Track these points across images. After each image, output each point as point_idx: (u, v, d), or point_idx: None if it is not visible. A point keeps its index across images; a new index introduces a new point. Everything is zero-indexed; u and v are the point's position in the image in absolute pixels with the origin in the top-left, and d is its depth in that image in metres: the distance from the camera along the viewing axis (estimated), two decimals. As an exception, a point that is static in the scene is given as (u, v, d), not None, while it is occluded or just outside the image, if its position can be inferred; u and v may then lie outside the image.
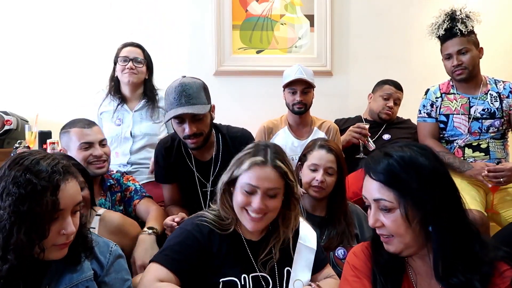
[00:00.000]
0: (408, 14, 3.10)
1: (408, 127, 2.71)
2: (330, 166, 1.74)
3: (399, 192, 0.99)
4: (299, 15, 3.07)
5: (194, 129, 1.74)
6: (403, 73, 2.97)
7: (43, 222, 0.93)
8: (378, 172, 1.03)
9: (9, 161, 0.97)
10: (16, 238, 0.90)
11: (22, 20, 2.97)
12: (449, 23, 2.23)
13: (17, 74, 2.97)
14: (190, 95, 1.72)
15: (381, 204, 1.02)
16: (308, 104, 2.44)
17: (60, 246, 0.98)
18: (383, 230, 1.04)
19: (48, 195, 0.92)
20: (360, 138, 2.47)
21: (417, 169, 1.00)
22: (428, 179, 0.99)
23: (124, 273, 1.16)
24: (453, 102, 2.31)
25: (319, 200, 1.78)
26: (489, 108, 2.25)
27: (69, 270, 1.04)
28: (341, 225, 1.72)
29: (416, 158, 1.02)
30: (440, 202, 0.98)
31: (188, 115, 1.73)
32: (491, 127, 2.25)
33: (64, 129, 1.86)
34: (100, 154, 1.79)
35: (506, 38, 3.12)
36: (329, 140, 1.98)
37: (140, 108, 2.41)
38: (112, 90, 2.44)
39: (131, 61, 2.36)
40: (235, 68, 3.04)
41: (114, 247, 1.16)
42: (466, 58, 2.22)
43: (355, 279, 1.10)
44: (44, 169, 0.94)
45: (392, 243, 1.03)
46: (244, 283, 1.25)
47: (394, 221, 1.00)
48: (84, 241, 1.07)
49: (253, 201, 1.24)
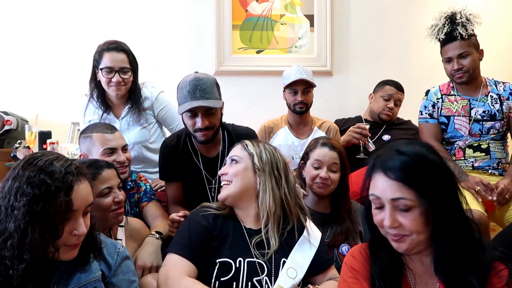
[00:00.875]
0: (408, 14, 3.11)
1: (409, 128, 2.72)
2: (334, 162, 1.75)
3: (419, 190, 0.98)
4: (299, 15, 3.08)
5: (207, 122, 1.78)
6: (403, 73, 2.98)
7: (57, 222, 0.94)
8: (395, 170, 1.00)
9: (22, 161, 0.98)
10: (31, 238, 0.91)
11: (22, 21, 2.96)
12: (449, 26, 2.22)
13: (17, 74, 2.96)
14: (205, 90, 1.76)
15: (400, 203, 0.99)
16: (309, 103, 2.47)
17: (71, 246, 1.00)
18: (400, 230, 1.00)
19: (62, 196, 0.94)
20: (360, 139, 2.48)
21: (429, 165, 1.00)
22: (439, 176, 1.00)
23: (131, 275, 1.16)
24: (453, 104, 2.32)
25: (323, 197, 1.78)
26: (490, 110, 2.26)
27: (77, 270, 1.05)
28: (346, 222, 1.73)
29: (427, 155, 1.01)
30: (448, 200, 0.99)
31: (202, 108, 1.76)
32: (491, 129, 2.25)
33: (85, 133, 1.81)
34: (123, 160, 1.78)
35: (506, 39, 3.13)
36: (331, 138, 1.99)
37: (125, 115, 2.25)
38: (94, 95, 2.23)
39: (117, 73, 2.10)
40: (235, 68, 3.05)
41: (121, 248, 1.17)
42: (467, 62, 2.21)
43: (353, 281, 1.10)
44: (57, 170, 0.96)
45: (405, 242, 1.01)
46: (238, 266, 1.31)
47: (414, 220, 0.98)
48: (94, 241, 1.08)
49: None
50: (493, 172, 2.25)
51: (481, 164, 2.26)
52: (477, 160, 2.27)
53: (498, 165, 2.27)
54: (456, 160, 2.30)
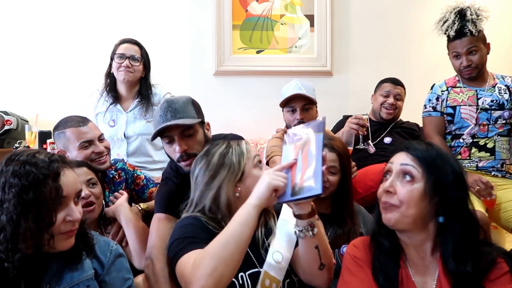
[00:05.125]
0: (408, 14, 3.10)
1: (412, 132, 2.65)
2: (332, 165, 1.71)
3: (428, 170, 1.06)
4: (299, 15, 3.08)
5: (185, 146, 1.52)
6: (403, 73, 2.95)
7: (49, 209, 0.95)
8: (416, 149, 1.10)
9: (4, 159, 0.99)
10: (24, 227, 0.92)
11: (22, 21, 2.97)
12: (459, 23, 2.20)
13: (17, 74, 2.97)
14: (176, 109, 1.54)
15: (407, 171, 1.07)
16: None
17: (67, 234, 1.00)
18: (392, 198, 1.08)
19: (50, 182, 0.95)
20: (358, 129, 2.24)
21: (451, 164, 1.09)
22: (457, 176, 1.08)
23: (125, 272, 1.16)
24: (459, 95, 2.31)
25: (323, 198, 1.76)
26: (498, 99, 2.25)
27: (69, 269, 1.05)
28: (348, 224, 1.70)
29: (451, 157, 1.12)
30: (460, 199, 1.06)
31: (176, 131, 1.52)
32: (499, 118, 2.25)
33: (58, 129, 1.77)
34: (102, 150, 1.75)
35: (508, 37, 3.12)
36: (334, 139, 1.91)
37: (133, 108, 2.36)
38: (107, 86, 2.38)
39: (127, 59, 2.29)
40: (235, 68, 3.05)
41: (114, 246, 1.16)
42: (476, 58, 2.21)
43: (357, 268, 1.13)
44: (41, 160, 0.97)
45: (392, 212, 1.07)
46: (242, 282, 1.23)
47: (410, 191, 1.06)
48: (85, 237, 1.08)
49: None
50: (496, 174, 2.25)
51: (485, 164, 2.25)
52: (482, 160, 2.26)
53: (502, 166, 2.26)
54: (461, 159, 2.28)
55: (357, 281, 1.11)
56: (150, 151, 2.37)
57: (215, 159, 1.33)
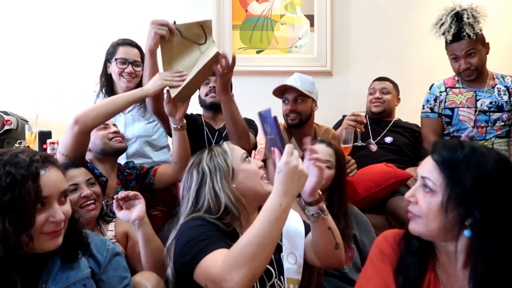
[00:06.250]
0: (408, 14, 3.10)
1: (413, 131, 2.66)
2: (328, 159, 1.71)
3: (449, 180, 0.96)
4: (299, 15, 3.08)
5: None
6: (403, 73, 2.97)
7: (28, 211, 0.93)
8: (439, 153, 1.00)
9: None
10: (2, 229, 0.91)
11: (22, 21, 2.98)
12: (456, 27, 2.17)
13: (17, 74, 2.97)
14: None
15: (426, 183, 0.99)
16: (303, 114, 2.21)
17: (50, 234, 0.98)
18: (415, 207, 1.01)
19: (29, 183, 0.93)
20: (356, 126, 2.29)
21: (480, 173, 0.95)
22: (487, 188, 0.94)
23: (122, 271, 1.15)
24: (458, 96, 2.30)
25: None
26: (497, 101, 2.25)
27: (66, 269, 1.04)
28: (341, 225, 1.70)
29: (486, 164, 0.95)
30: (488, 212, 0.93)
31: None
32: (498, 120, 2.24)
33: None
34: (117, 130, 1.91)
35: (507, 37, 3.11)
36: (332, 139, 1.97)
37: (131, 109, 2.29)
38: (103, 88, 2.30)
39: (130, 64, 2.21)
40: (235, 68, 3.00)
41: (111, 244, 1.16)
42: (475, 60, 2.19)
43: (379, 263, 1.09)
44: (22, 160, 0.96)
45: (416, 222, 1.02)
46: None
47: (429, 203, 0.97)
48: (79, 236, 1.07)
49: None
50: None
51: None
52: None
53: None
54: None
55: (378, 278, 1.06)
56: (149, 153, 2.34)
57: (205, 166, 1.31)
